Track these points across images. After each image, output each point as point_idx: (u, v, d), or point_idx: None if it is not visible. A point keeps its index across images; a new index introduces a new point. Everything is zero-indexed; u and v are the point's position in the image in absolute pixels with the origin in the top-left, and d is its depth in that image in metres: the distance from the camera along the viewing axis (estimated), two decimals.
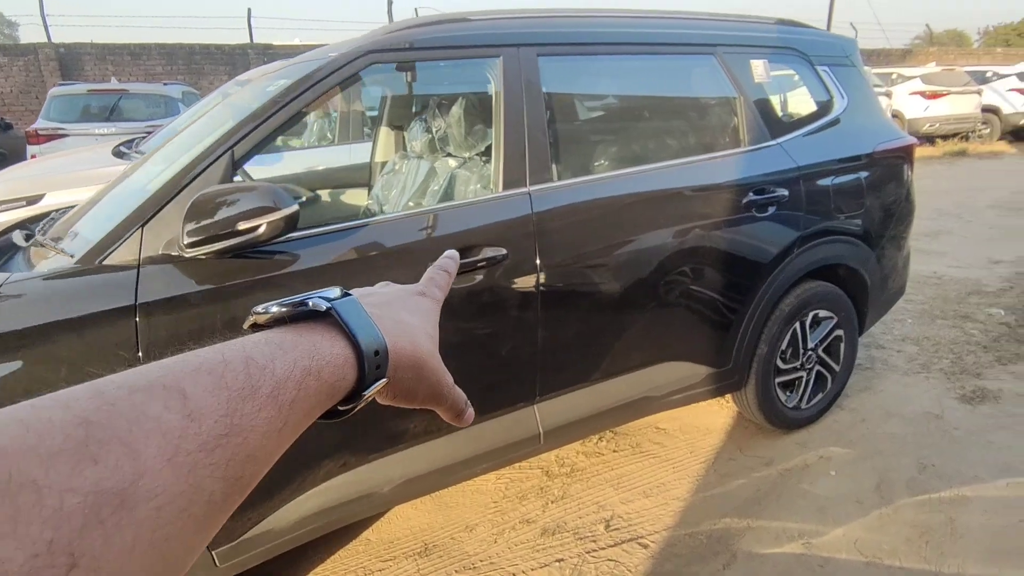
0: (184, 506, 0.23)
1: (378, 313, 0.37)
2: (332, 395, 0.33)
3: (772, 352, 2.39)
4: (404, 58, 1.72)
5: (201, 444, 0.25)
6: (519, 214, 1.79)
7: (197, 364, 0.28)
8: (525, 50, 1.85)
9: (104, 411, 0.23)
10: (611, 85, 2.23)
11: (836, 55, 2.53)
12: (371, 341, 0.35)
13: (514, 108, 1.82)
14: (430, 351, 0.40)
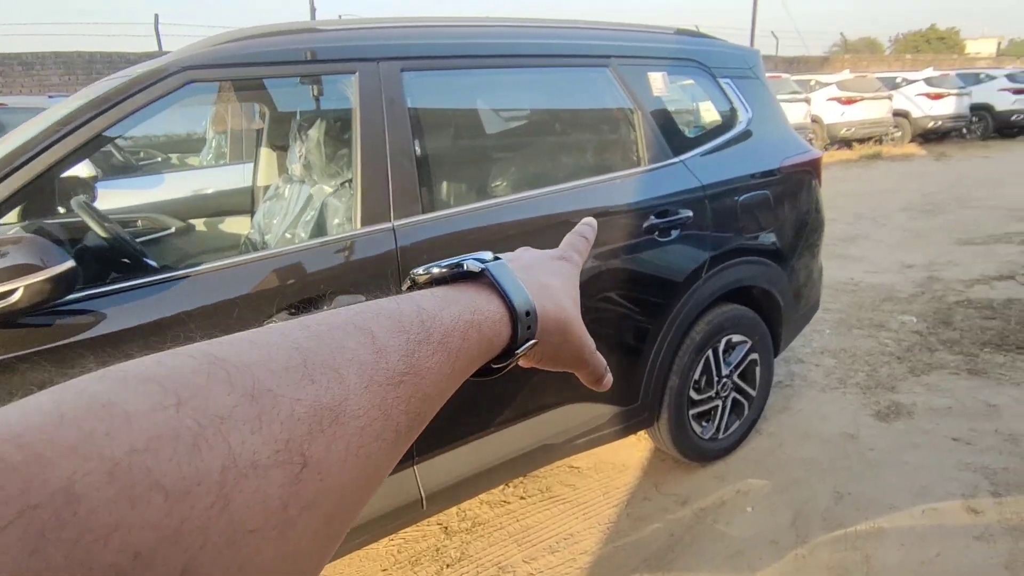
0: (379, 431, 0.25)
1: (524, 277, 0.38)
2: (490, 349, 0.34)
3: (684, 383, 2.24)
4: (232, 76, 1.46)
5: (388, 378, 0.27)
6: (380, 253, 1.55)
7: (378, 310, 0.30)
8: (386, 64, 1.62)
9: (312, 341, 0.25)
10: (491, 102, 2.02)
11: (739, 67, 2.41)
12: (522, 302, 0.36)
13: (373, 131, 1.58)
14: (574, 314, 0.41)
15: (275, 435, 0.21)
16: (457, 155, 1.90)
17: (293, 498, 0.21)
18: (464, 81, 1.87)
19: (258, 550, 0.19)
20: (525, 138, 2.08)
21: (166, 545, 0.17)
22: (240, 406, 0.21)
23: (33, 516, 0.15)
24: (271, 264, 1.45)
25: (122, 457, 0.17)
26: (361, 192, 1.56)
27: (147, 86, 1.35)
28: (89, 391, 0.18)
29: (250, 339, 0.24)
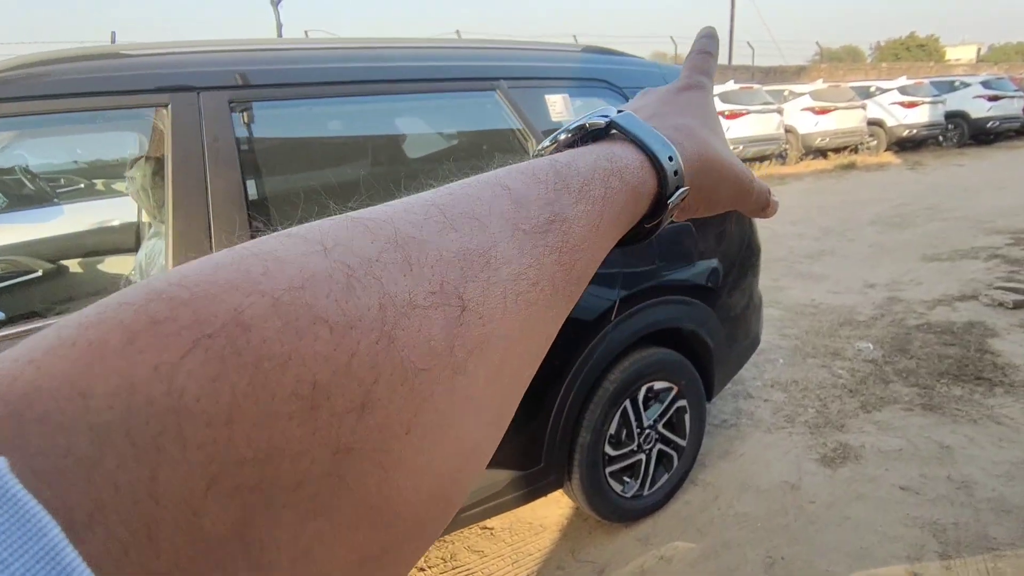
0: (534, 280, 0.24)
1: (655, 124, 0.34)
2: (637, 200, 0.31)
3: (598, 439, 2.01)
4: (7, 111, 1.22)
5: (533, 226, 0.25)
6: None
7: (509, 168, 0.28)
8: (209, 95, 1.39)
9: (447, 197, 0.25)
10: (347, 136, 1.79)
11: (655, 85, 2.21)
12: (663, 148, 0.32)
13: (190, 174, 1.35)
14: (720, 148, 0.37)
15: (427, 277, 0.21)
16: (304, 199, 1.68)
17: (458, 340, 0.21)
18: (315, 112, 1.64)
19: (431, 391, 0.19)
20: (391, 175, 1.85)
21: (340, 377, 0.17)
22: (386, 251, 0.20)
23: (210, 344, 0.15)
24: None
25: (282, 293, 0.17)
26: (172, 246, 1.33)
27: None
28: (239, 247, 0.19)
29: (381, 206, 0.24)
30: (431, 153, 1.93)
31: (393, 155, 1.85)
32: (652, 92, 0.41)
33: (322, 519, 0.17)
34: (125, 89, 1.32)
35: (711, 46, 0.44)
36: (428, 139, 1.94)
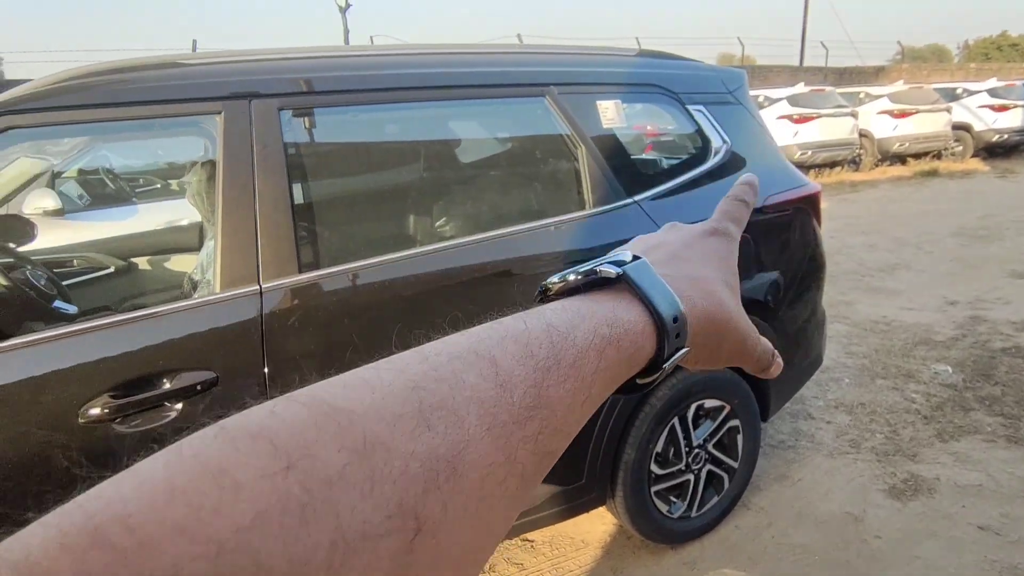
0: (502, 478, 0.23)
1: (669, 273, 0.34)
2: (631, 366, 0.31)
3: (643, 457, 1.93)
4: (62, 119, 1.28)
5: (514, 416, 0.24)
6: (239, 319, 1.34)
7: (503, 332, 0.27)
8: (261, 103, 1.42)
9: (431, 376, 0.23)
10: (394, 142, 1.79)
11: (713, 91, 2.11)
12: (669, 307, 0.32)
13: (239, 180, 1.38)
14: (732, 306, 0.36)
15: (387, 497, 0.20)
16: (351, 204, 1.68)
17: (405, 570, 0.20)
18: (361, 119, 1.65)
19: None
20: (437, 182, 1.84)
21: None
22: (351, 464, 0.20)
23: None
24: (103, 335, 1.26)
25: (228, 537, 0.17)
26: (221, 250, 1.36)
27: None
28: (202, 456, 0.18)
29: (365, 377, 0.23)
30: (479, 160, 1.91)
31: (440, 161, 1.84)
32: (677, 230, 0.40)
33: None
34: (183, 97, 1.37)
35: (748, 195, 0.43)
36: (476, 145, 1.92)
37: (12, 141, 1.24)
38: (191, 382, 1.27)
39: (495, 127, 1.87)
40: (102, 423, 1.19)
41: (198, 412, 1.27)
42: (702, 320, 0.34)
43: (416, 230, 1.72)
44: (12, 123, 1.22)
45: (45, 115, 1.26)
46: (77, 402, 1.18)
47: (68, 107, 1.27)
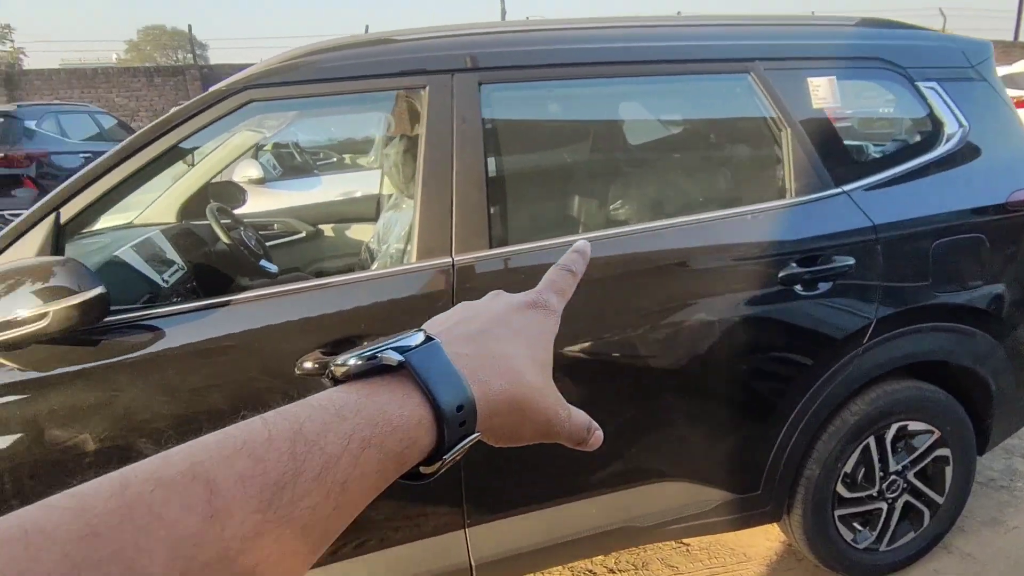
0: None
1: (469, 352, 0.33)
2: (401, 463, 0.30)
3: (829, 476, 1.74)
4: (291, 93, 1.37)
5: (221, 552, 0.22)
6: (432, 292, 1.37)
7: (238, 444, 0.25)
8: (462, 77, 1.43)
9: (117, 515, 0.21)
10: (589, 119, 1.72)
11: (951, 65, 1.80)
12: (453, 396, 0.31)
13: (438, 153, 1.40)
14: (537, 385, 0.35)
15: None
16: (542, 181, 1.65)
17: None
18: (558, 94, 1.60)
19: None
20: (630, 162, 1.75)
21: None
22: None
23: None
24: (314, 295, 1.35)
25: None
26: (419, 221, 1.39)
27: (209, 106, 1.32)
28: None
29: (26, 526, 0.20)
30: (671, 140, 1.80)
31: (632, 140, 1.76)
32: (495, 301, 0.39)
33: None
34: (395, 72, 1.41)
35: (578, 264, 0.42)
36: (669, 125, 1.80)
37: (251, 113, 1.35)
38: None
39: (691, 106, 1.74)
40: (312, 376, 1.28)
41: None
42: (499, 402, 0.33)
43: (603, 212, 1.66)
44: (251, 97, 1.34)
45: (279, 89, 1.36)
46: (294, 354, 1.28)
47: (298, 82, 1.36)
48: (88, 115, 7.79)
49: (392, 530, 1.45)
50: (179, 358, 1.26)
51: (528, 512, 1.55)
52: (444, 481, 1.46)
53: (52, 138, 6.73)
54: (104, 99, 11.40)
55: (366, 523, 1.42)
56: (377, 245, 2.62)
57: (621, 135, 1.74)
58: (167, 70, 12.22)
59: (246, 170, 3.43)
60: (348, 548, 1.42)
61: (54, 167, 6.47)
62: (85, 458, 1.20)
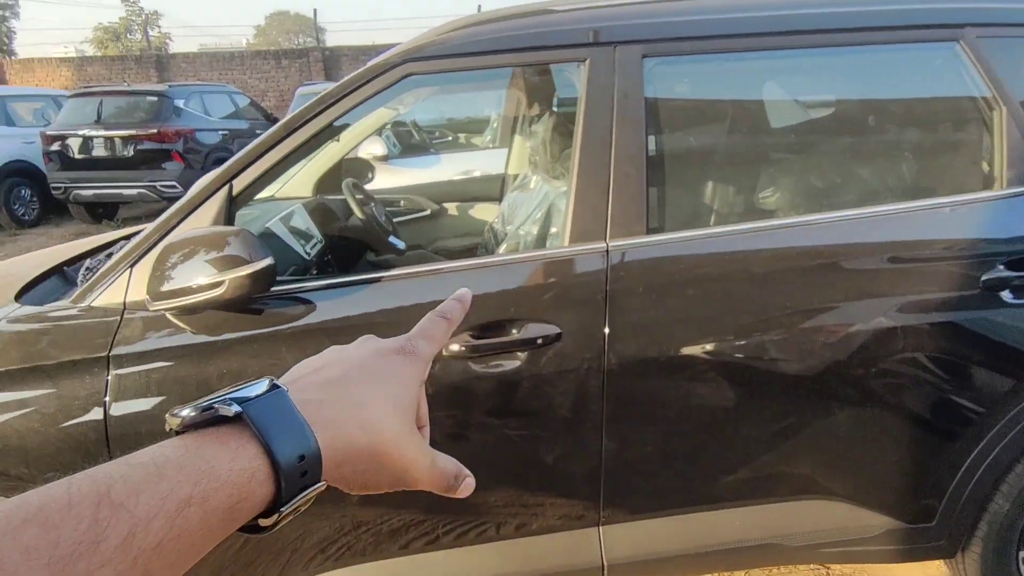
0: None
1: (322, 398, 0.33)
2: (231, 519, 0.28)
3: (1019, 512, 1.51)
4: (451, 67, 1.33)
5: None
6: (585, 277, 1.30)
7: (33, 511, 0.24)
8: (625, 49, 1.32)
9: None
10: (761, 97, 1.55)
11: None
12: (294, 447, 0.30)
13: (597, 131, 1.32)
14: (393, 433, 0.35)
15: None
16: (706, 164, 1.52)
17: None
18: (727, 69, 1.46)
19: None
20: (803, 146, 1.57)
21: None
22: None
23: None
24: (462, 275, 1.32)
25: None
26: (573, 203, 1.32)
27: (368, 81, 1.31)
28: None
29: None
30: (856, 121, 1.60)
31: (807, 121, 1.58)
32: (364, 345, 0.38)
33: None
34: (553, 44, 1.34)
35: (455, 311, 0.42)
36: (853, 104, 1.60)
37: (409, 87, 1.33)
38: (537, 334, 1.26)
39: (881, 80, 1.54)
40: (461, 359, 1.25)
41: (540, 364, 1.27)
42: (349, 450, 0.32)
43: (773, 199, 1.51)
44: (410, 70, 1.31)
45: (436, 63, 1.33)
46: None
47: (456, 55, 1.32)
48: (227, 95, 8.40)
49: (528, 518, 1.41)
50: (333, 331, 1.27)
51: (666, 516, 1.46)
52: (584, 476, 1.41)
53: (197, 116, 7.32)
54: (238, 80, 12.29)
55: (501, 509, 1.39)
56: (502, 226, 2.59)
57: (796, 114, 1.57)
58: (293, 53, 12.98)
59: (371, 147, 3.52)
60: (487, 532, 1.40)
61: (198, 143, 7.04)
62: None
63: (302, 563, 1.38)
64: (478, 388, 1.27)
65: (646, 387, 1.32)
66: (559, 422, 1.31)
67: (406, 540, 1.39)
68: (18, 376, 1.20)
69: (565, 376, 1.29)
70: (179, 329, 1.25)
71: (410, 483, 0.36)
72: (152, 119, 6.85)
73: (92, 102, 6.98)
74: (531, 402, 1.29)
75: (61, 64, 14.01)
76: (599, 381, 1.29)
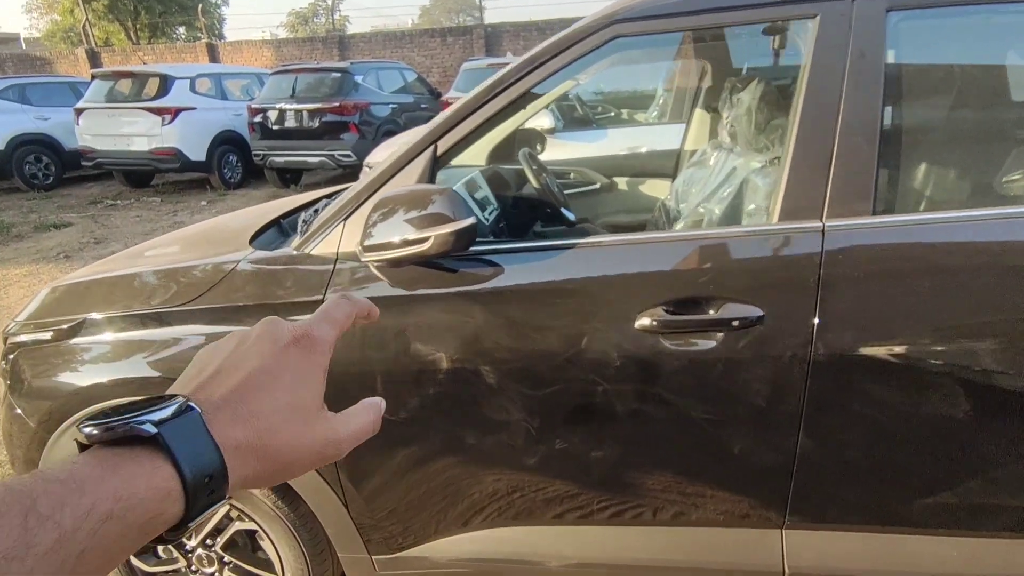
0: None
1: (221, 418, 0.34)
2: (145, 532, 0.31)
3: None
4: (662, 28, 1.26)
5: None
6: (796, 259, 1.18)
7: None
8: (864, 3, 1.16)
9: None
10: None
11: None
12: (202, 468, 0.32)
13: (823, 96, 1.18)
14: (294, 434, 0.37)
15: None
16: (954, 140, 1.30)
17: None
18: (991, 25, 1.23)
19: None
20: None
21: None
22: None
23: None
24: (657, 248, 1.26)
25: None
26: (787, 176, 1.20)
27: (573, 44, 1.28)
28: None
29: None
30: None
31: None
32: (264, 336, 0.39)
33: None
34: (772, 1, 1.21)
35: (356, 297, 0.44)
36: None
37: (616, 50, 1.29)
38: (735, 315, 1.18)
39: None
40: (651, 334, 1.20)
41: (737, 347, 1.19)
42: (254, 460, 0.34)
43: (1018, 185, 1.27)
44: (618, 32, 1.26)
45: (647, 23, 1.26)
46: (635, 308, 1.21)
47: (668, 15, 1.25)
48: (398, 71, 8.95)
49: (703, 508, 1.34)
50: (523, 294, 1.28)
51: (864, 532, 1.32)
52: (773, 473, 1.31)
53: (372, 91, 7.88)
54: (407, 58, 13.04)
55: (675, 493, 1.34)
56: (675, 204, 2.47)
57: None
58: (457, 31, 13.47)
59: (541, 119, 3.54)
60: (658, 514, 1.36)
61: (372, 116, 7.59)
62: (438, 374, 1.30)
63: (460, 521, 1.44)
64: (668, 365, 1.22)
65: (857, 386, 1.18)
66: (752, 412, 1.22)
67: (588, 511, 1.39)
68: (254, 311, 1.36)
69: (764, 363, 1.19)
70: (380, 280, 1.33)
71: (329, 457, 0.38)
72: (335, 93, 7.49)
73: (289, 78, 7.78)
74: (723, 387, 1.22)
75: (263, 46, 15.82)
76: (802, 373, 1.18)
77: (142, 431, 0.31)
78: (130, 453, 0.31)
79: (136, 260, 1.69)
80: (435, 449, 1.38)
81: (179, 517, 0.32)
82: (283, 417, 0.36)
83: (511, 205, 2.33)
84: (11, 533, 0.26)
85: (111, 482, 0.30)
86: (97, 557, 0.28)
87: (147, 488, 0.30)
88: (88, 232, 6.32)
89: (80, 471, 0.30)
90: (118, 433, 0.32)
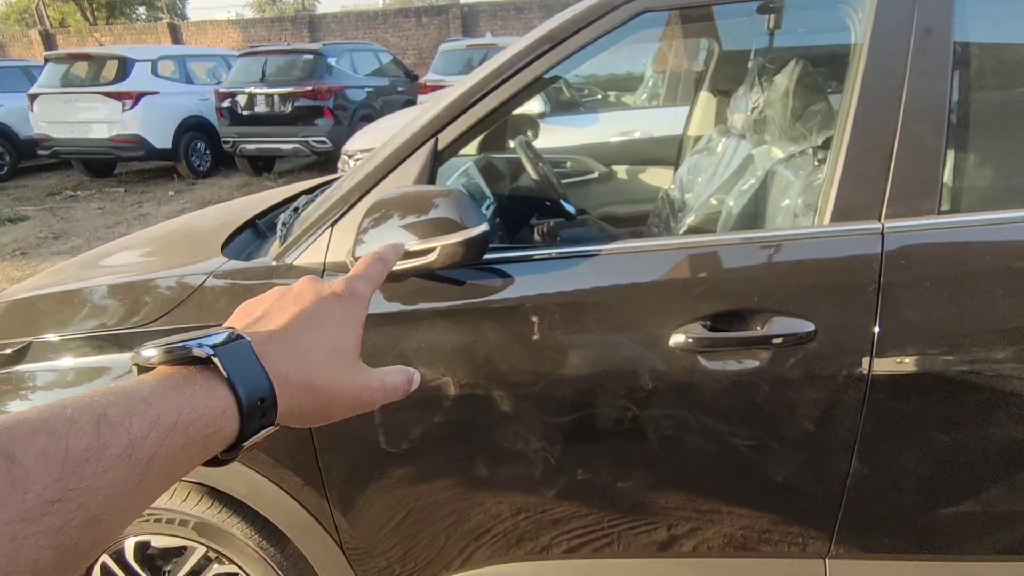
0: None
1: (271, 350, 0.36)
2: (205, 447, 0.32)
3: None
4: (695, 1, 1.10)
5: (23, 512, 0.24)
6: (852, 264, 1.04)
7: (38, 423, 0.27)
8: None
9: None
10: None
11: None
12: (255, 390, 0.34)
13: (882, 80, 1.03)
14: (336, 372, 0.39)
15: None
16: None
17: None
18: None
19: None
20: None
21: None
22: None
23: None
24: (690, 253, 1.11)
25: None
26: (840, 171, 1.06)
27: (595, 19, 1.11)
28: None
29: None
30: None
31: None
32: (306, 289, 0.41)
33: None
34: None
35: (389, 255, 0.46)
36: None
37: (643, 26, 1.12)
38: (784, 330, 1.04)
39: None
40: (689, 352, 1.06)
41: (786, 367, 1.05)
42: (300, 393, 0.36)
43: None
44: (646, 6, 1.10)
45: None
46: (670, 323, 1.06)
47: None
48: (372, 52, 8.62)
49: (741, 537, 1.21)
50: (541, 309, 1.12)
51: (913, 560, 1.20)
52: (820, 500, 1.18)
53: (346, 73, 7.57)
54: (381, 39, 12.63)
55: (712, 522, 1.21)
56: (679, 193, 2.33)
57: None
58: (432, 10, 13.08)
59: (530, 103, 3.36)
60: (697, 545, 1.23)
61: (347, 100, 7.29)
62: (445, 402, 1.14)
63: (463, 556, 1.29)
64: (707, 388, 1.07)
65: (922, 405, 1.05)
66: (801, 436, 1.09)
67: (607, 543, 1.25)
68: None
69: (816, 383, 1.05)
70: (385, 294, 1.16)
71: (364, 406, 0.40)
72: (307, 77, 7.17)
73: (258, 61, 7.43)
74: (769, 410, 1.08)
75: (229, 26, 15.20)
76: (860, 392, 1.05)
77: (199, 352, 0.33)
78: (188, 373, 0.33)
79: (90, 270, 1.49)
80: (441, 482, 1.23)
81: (234, 436, 0.34)
82: (325, 358, 0.38)
83: (507, 198, 2.17)
84: (84, 437, 0.27)
85: (173, 397, 0.31)
86: (163, 466, 0.30)
87: (205, 405, 0.32)
88: (46, 226, 5.97)
89: (144, 387, 0.31)
90: (176, 355, 0.33)
